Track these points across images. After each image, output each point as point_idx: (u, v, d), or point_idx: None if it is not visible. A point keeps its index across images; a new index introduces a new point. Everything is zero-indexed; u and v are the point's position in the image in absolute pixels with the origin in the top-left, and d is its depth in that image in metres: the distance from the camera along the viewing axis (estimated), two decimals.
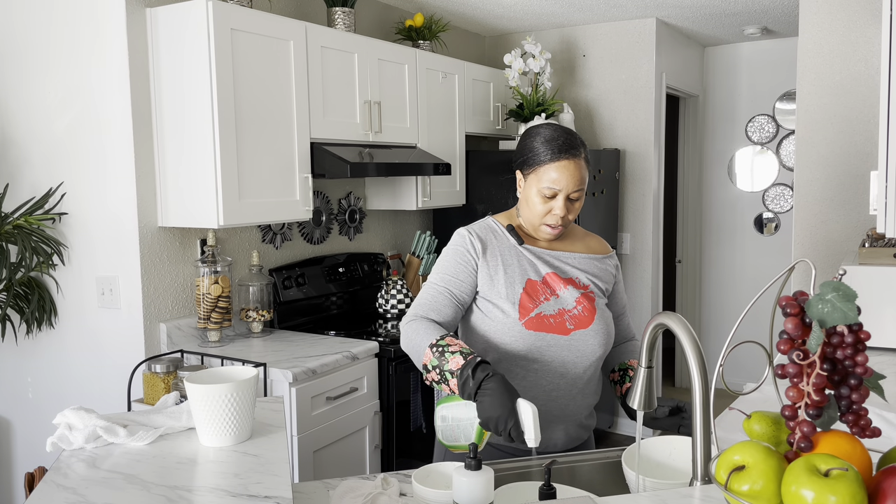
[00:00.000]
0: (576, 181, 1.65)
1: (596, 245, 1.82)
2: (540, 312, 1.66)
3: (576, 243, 1.79)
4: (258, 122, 2.60)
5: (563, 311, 1.67)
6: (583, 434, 1.76)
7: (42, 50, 2.72)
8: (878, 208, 2.11)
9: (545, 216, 1.67)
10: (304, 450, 2.45)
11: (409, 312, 1.69)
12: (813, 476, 0.89)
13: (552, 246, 1.76)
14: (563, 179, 1.64)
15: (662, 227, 4.56)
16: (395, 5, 3.78)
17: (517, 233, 1.74)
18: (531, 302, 1.66)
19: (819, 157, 3.19)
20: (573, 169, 1.64)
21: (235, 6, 2.51)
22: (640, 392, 1.35)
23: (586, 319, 1.68)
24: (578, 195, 1.67)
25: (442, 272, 1.71)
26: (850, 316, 0.93)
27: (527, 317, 1.65)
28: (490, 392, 1.40)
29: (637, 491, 1.31)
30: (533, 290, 1.68)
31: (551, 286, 1.69)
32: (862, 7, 3.08)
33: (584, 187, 1.67)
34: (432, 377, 1.53)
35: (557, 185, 1.64)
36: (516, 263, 1.70)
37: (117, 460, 1.31)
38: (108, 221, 2.64)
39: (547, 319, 1.66)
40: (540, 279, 1.70)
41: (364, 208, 3.63)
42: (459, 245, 1.72)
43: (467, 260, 1.70)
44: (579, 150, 1.66)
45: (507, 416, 1.37)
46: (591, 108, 4.42)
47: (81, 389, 2.79)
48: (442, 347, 1.53)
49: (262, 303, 2.89)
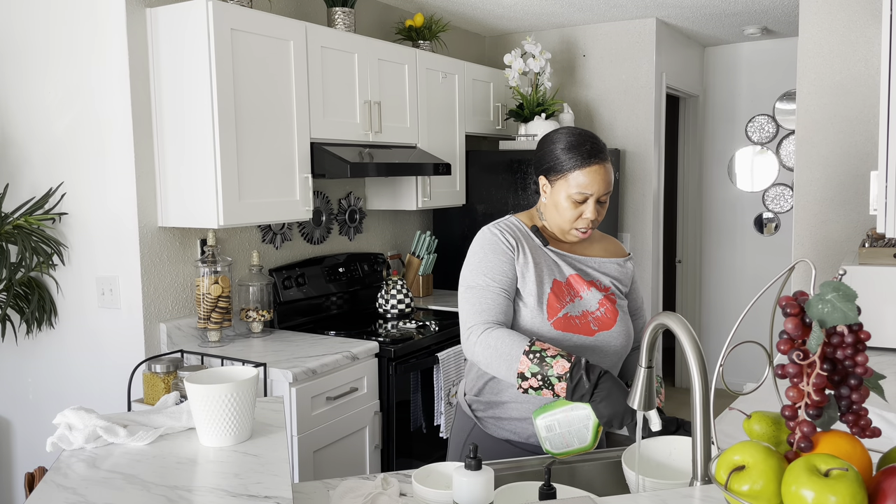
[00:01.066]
0: (606, 184, 1.68)
1: (614, 248, 1.85)
2: (567, 313, 1.68)
3: (594, 246, 1.82)
4: (258, 122, 2.60)
5: (587, 312, 1.70)
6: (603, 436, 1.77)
7: (42, 50, 2.72)
8: (878, 208, 2.11)
9: (576, 220, 1.69)
10: (304, 450, 2.45)
11: (473, 321, 1.64)
12: (813, 476, 0.89)
13: (573, 249, 1.78)
14: (594, 184, 1.66)
15: (662, 227, 4.56)
16: (395, 5, 3.77)
17: (542, 234, 1.76)
18: (558, 302, 1.68)
19: (819, 157, 3.19)
20: (603, 173, 1.67)
21: (235, 6, 2.51)
22: (640, 392, 1.35)
23: (609, 321, 1.71)
24: (607, 198, 1.70)
25: (488, 272, 1.67)
26: (850, 316, 0.93)
27: (555, 317, 1.67)
28: (608, 390, 1.47)
29: (637, 491, 1.31)
30: (559, 290, 1.69)
31: (575, 288, 1.71)
32: (862, 7, 3.08)
33: (610, 191, 1.70)
34: (530, 384, 1.52)
35: (589, 190, 1.66)
36: (543, 263, 1.72)
37: (117, 460, 1.31)
38: (108, 221, 2.64)
39: (573, 320, 1.68)
40: (564, 280, 1.72)
41: (364, 208, 3.63)
42: (494, 242, 1.70)
43: (507, 254, 1.68)
44: (606, 153, 1.70)
45: (627, 410, 1.45)
46: (591, 108, 4.42)
47: (81, 389, 2.79)
48: (539, 353, 1.52)
49: (262, 303, 2.89)
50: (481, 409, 1.77)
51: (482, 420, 1.77)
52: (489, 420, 1.76)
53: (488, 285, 1.66)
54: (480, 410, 1.77)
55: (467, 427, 1.80)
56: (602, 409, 1.46)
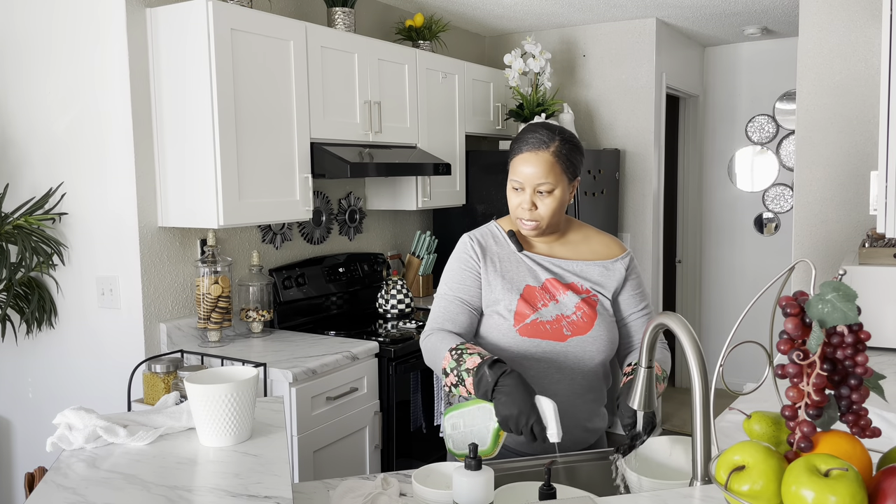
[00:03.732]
0: (538, 174, 1.63)
1: (602, 249, 1.78)
2: (536, 319, 1.66)
3: (580, 248, 1.77)
4: (258, 122, 2.60)
5: (561, 316, 1.67)
6: (588, 437, 1.75)
7: (42, 50, 2.72)
8: (878, 208, 2.11)
9: (517, 210, 1.68)
10: (304, 450, 2.45)
11: (426, 328, 1.72)
12: (813, 476, 0.89)
13: (553, 252, 1.75)
14: (525, 172, 1.64)
15: (662, 227, 4.56)
16: (395, 5, 3.77)
17: (517, 238, 1.74)
18: (528, 308, 1.66)
19: (819, 157, 3.19)
20: (535, 162, 1.63)
21: (235, 6, 2.51)
22: (640, 392, 1.35)
23: (584, 326, 1.67)
24: (547, 189, 1.64)
25: (449, 281, 1.73)
26: (850, 316, 0.93)
27: (521, 323, 1.65)
28: (508, 389, 1.40)
29: (637, 491, 1.31)
30: (531, 296, 1.68)
31: (551, 292, 1.69)
32: (862, 7, 3.08)
33: (550, 181, 1.63)
34: (450, 381, 1.54)
35: (520, 178, 1.65)
36: (515, 269, 1.71)
37: (117, 460, 1.31)
38: (108, 221, 2.64)
39: (543, 326, 1.66)
40: (539, 285, 1.69)
41: (364, 208, 3.63)
42: (462, 252, 1.74)
43: (470, 266, 1.72)
44: (548, 143, 1.64)
45: (528, 413, 1.36)
46: (591, 108, 4.42)
47: (81, 389, 2.78)
48: (460, 350, 1.55)
49: (262, 303, 2.89)
50: None
51: None
52: None
53: (446, 294, 1.72)
54: None
55: None
56: (500, 408, 1.39)
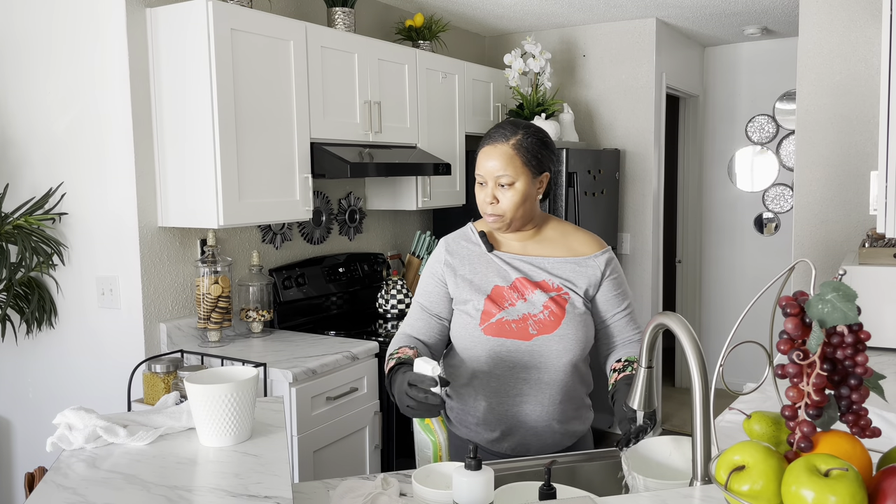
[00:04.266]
0: (497, 166, 1.64)
1: (579, 246, 1.75)
2: (502, 318, 1.66)
3: (555, 245, 1.75)
4: (258, 122, 2.60)
5: (528, 315, 1.66)
6: (563, 440, 1.73)
7: (42, 50, 2.72)
8: (878, 208, 2.11)
9: (481, 205, 1.70)
10: (304, 450, 2.45)
11: None
12: (813, 476, 0.89)
13: (526, 250, 1.74)
14: (485, 166, 1.67)
15: (662, 227, 4.56)
16: (395, 5, 3.77)
17: (488, 239, 1.75)
18: (495, 308, 1.67)
19: (819, 157, 3.19)
20: (495, 154, 1.65)
21: (235, 6, 2.51)
22: (640, 392, 1.35)
23: (551, 325, 1.66)
24: (507, 181, 1.64)
25: (420, 290, 1.81)
26: (850, 316, 0.93)
27: (487, 322, 1.67)
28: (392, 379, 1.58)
29: (637, 491, 1.31)
30: (499, 295, 1.68)
31: (520, 290, 1.69)
32: (862, 7, 3.08)
33: (510, 173, 1.64)
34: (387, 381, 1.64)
35: (482, 172, 1.68)
36: (484, 270, 1.72)
37: (117, 460, 1.31)
38: (108, 221, 2.64)
39: (509, 325, 1.66)
40: (508, 284, 1.69)
41: (364, 208, 3.63)
42: (432, 258, 1.81)
43: (434, 272, 1.77)
44: (509, 137, 1.66)
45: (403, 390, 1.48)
46: (591, 108, 4.42)
47: (81, 389, 2.78)
48: (393, 355, 1.66)
49: (262, 303, 2.89)
50: (451, 406, 1.78)
51: (450, 419, 1.78)
52: (456, 419, 1.77)
53: (414, 300, 1.81)
54: (450, 409, 1.79)
55: None
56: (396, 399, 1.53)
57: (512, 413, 1.68)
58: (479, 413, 1.71)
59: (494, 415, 1.69)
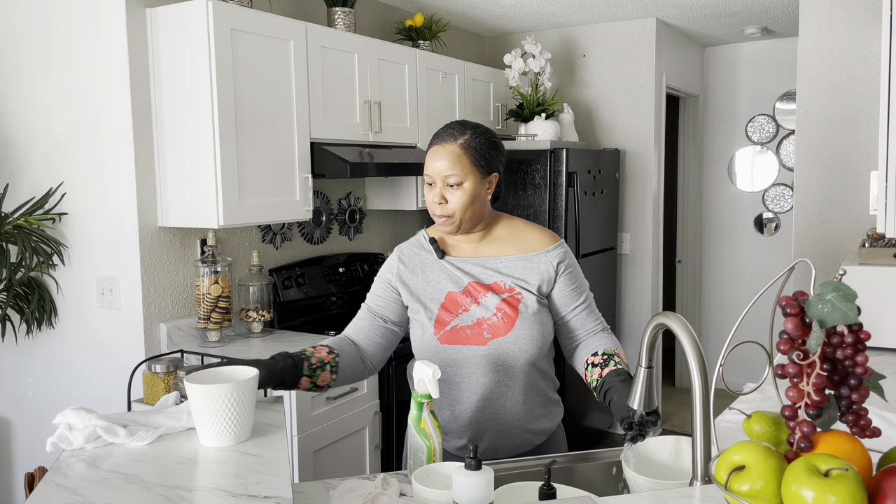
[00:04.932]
0: (445, 166, 1.63)
1: (531, 242, 1.73)
2: (456, 325, 1.66)
3: (507, 244, 1.73)
4: (258, 122, 2.60)
5: (482, 320, 1.65)
6: (533, 439, 1.72)
7: (42, 50, 2.72)
8: (878, 208, 2.11)
9: (431, 206, 1.69)
10: (304, 450, 2.45)
11: None
12: (813, 476, 0.89)
13: (478, 252, 1.72)
14: (431, 166, 1.66)
15: (662, 227, 4.56)
16: (395, 5, 3.77)
17: (439, 245, 1.73)
18: (448, 315, 1.66)
19: (819, 157, 3.19)
20: (442, 154, 1.64)
21: (235, 6, 2.51)
22: (640, 392, 1.35)
23: (504, 327, 1.64)
24: (456, 181, 1.63)
25: (370, 291, 1.81)
26: (850, 316, 0.93)
27: (442, 331, 1.66)
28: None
29: (637, 491, 1.31)
30: (452, 303, 1.67)
31: (473, 295, 1.67)
32: (862, 7, 3.08)
33: (457, 173, 1.63)
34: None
35: (430, 172, 1.66)
36: (436, 278, 1.71)
37: (117, 460, 1.31)
38: (108, 221, 2.64)
39: (463, 331, 1.65)
40: (461, 290, 1.68)
41: (364, 208, 3.63)
42: (385, 265, 1.79)
43: (386, 278, 1.77)
44: (457, 136, 1.65)
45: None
46: (591, 108, 4.42)
47: (81, 389, 2.78)
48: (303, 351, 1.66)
49: (262, 303, 2.89)
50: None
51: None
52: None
53: (364, 304, 1.80)
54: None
55: None
56: None
57: (476, 419, 1.67)
58: (443, 422, 1.70)
59: (459, 423, 1.69)
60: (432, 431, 1.42)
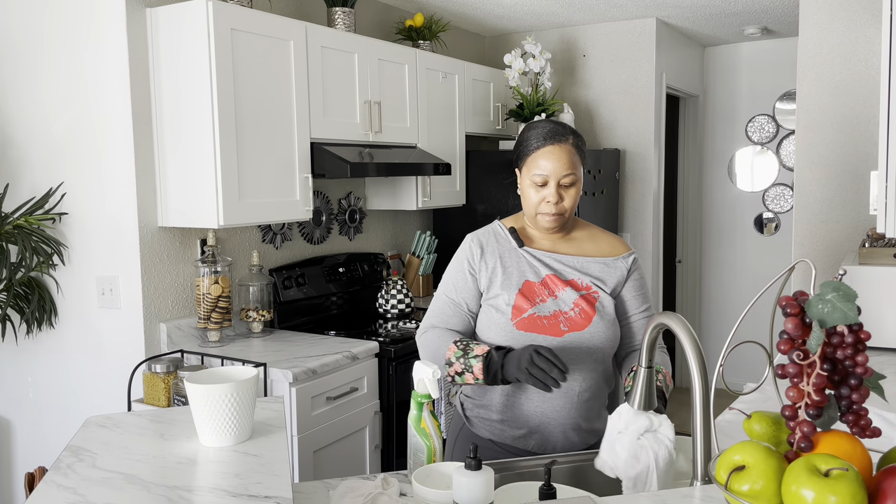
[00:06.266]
0: (563, 165, 1.66)
1: (606, 248, 1.80)
2: (534, 314, 1.67)
3: (584, 245, 1.78)
4: (258, 122, 2.60)
5: (559, 312, 1.68)
6: (588, 438, 1.73)
7: (42, 50, 2.72)
8: (878, 208, 2.11)
9: (539, 205, 1.70)
10: (304, 450, 2.45)
11: (422, 324, 1.79)
12: (813, 476, 0.89)
13: (556, 248, 1.76)
14: (549, 165, 1.66)
15: (662, 227, 4.56)
16: (395, 5, 3.77)
17: (518, 235, 1.75)
18: (527, 303, 1.68)
19: (819, 157, 3.19)
20: (559, 153, 1.66)
21: (235, 6, 2.51)
22: (640, 392, 1.35)
23: (582, 322, 1.68)
24: (570, 181, 1.68)
25: (446, 282, 1.79)
26: (850, 316, 0.93)
27: (519, 317, 1.67)
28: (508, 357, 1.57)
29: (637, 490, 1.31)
30: (530, 291, 1.69)
31: (550, 287, 1.70)
32: (862, 7, 3.08)
33: (574, 172, 1.68)
34: (455, 369, 1.62)
35: (545, 171, 1.67)
36: (515, 266, 1.72)
37: (117, 460, 1.31)
38: (108, 221, 2.64)
39: (540, 321, 1.67)
40: (539, 280, 1.70)
41: (364, 208, 3.63)
42: (461, 255, 1.78)
43: (464, 267, 1.75)
44: (567, 136, 1.69)
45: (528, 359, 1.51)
46: (591, 108, 4.42)
47: (82, 389, 2.78)
48: (466, 342, 1.64)
49: (262, 303, 2.89)
50: (470, 407, 1.78)
51: (470, 419, 1.78)
52: (476, 419, 1.76)
53: (440, 295, 1.79)
54: (469, 409, 1.78)
55: (458, 425, 1.82)
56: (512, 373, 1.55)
57: (541, 410, 1.68)
58: (505, 410, 1.70)
59: (522, 412, 1.69)
60: (432, 431, 1.43)
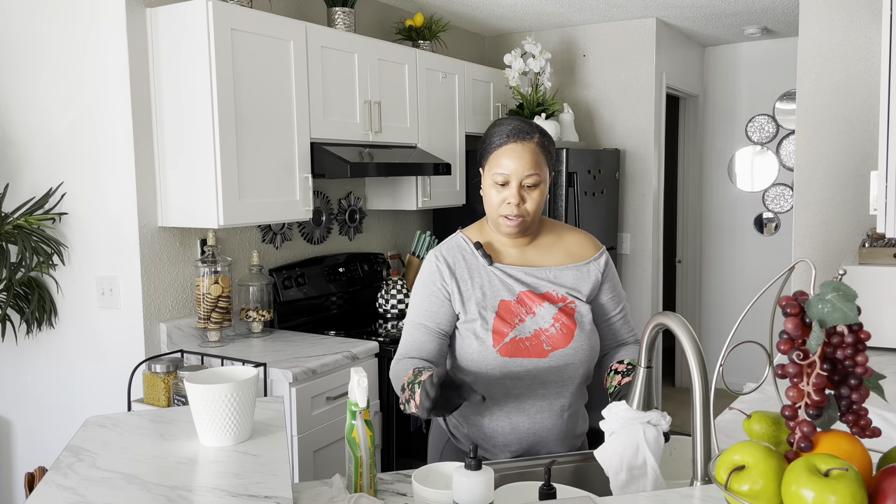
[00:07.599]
0: (525, 165, 1.56)
1: (577, 249, 1.71)
2: (515, 336, 1.60)
3: (553, 251, 1.69)
4: (258, 122, 2.60)
5: (539, 331, 1.61)
6: (574, 442, 1.73)
7: (42, 50, 2.72)
8: (878, 208, 2.11)
9: (500, 206, 1.59)
10: (304, 450, 2.45)
11: (395, 356, 1.68)
12: (813, 476, 0.89)
13: (526, 261, 1.67)
14: (511, 164, 1.56)
15: (662, 227, 4.56)
16: (395, 5, 3.77)
17: (485, 251, 1.66)
18: (505, 326, 1.60)
19: (819, 157, 3.19)
20: (521, 152, 1.57)
21: (235, 6, 2.51)
22: (640, 392, 1.35)
23: (564, 339, 1.61)
24: (533, 182, 1.58)
25: (415, 307, 1.68)
26: (850, 316, 0.93)
27: (501, 343, 1.59)
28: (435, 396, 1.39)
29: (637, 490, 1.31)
30: (507, 312, 1.61)
31: (527, 304, 1.62)
32: (862, 7, 3.08)
33: (538, 173, 1.58)
34: (405, 396, 1.51)
35: (507, 170, 1.57)
36: (487, 285, 1.63)
37: (117, 460, 1.31)
38: (108, 221, 2.64)
39: (522, 343, 1.60)
40: (514, 298, 1.62)
41: (364, 208, 3.63)
42: (428, 277, 1.67)
43: (435, 290, 1.65)
44: (532, 135, 1.59)
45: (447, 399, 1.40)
46: (591, 108, 4.42)
47: (81, 389, 2.78)
48: (420, 370, 1.52)
49: (262, 303, 2.89)
50: (455, 425, 1.72)
51: (456, 437, 1.73)
52: (463, 438, 1.71)
53: (412, 321, 1.68)
54: (455, 427, 1.73)
55: (442, 440, 1.77)
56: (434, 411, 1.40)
57: (534, 430, 1.65)
58: (501, 434, 1.66)
59: (518, 434, 1.65)
60: (363, 441, 1.32)
